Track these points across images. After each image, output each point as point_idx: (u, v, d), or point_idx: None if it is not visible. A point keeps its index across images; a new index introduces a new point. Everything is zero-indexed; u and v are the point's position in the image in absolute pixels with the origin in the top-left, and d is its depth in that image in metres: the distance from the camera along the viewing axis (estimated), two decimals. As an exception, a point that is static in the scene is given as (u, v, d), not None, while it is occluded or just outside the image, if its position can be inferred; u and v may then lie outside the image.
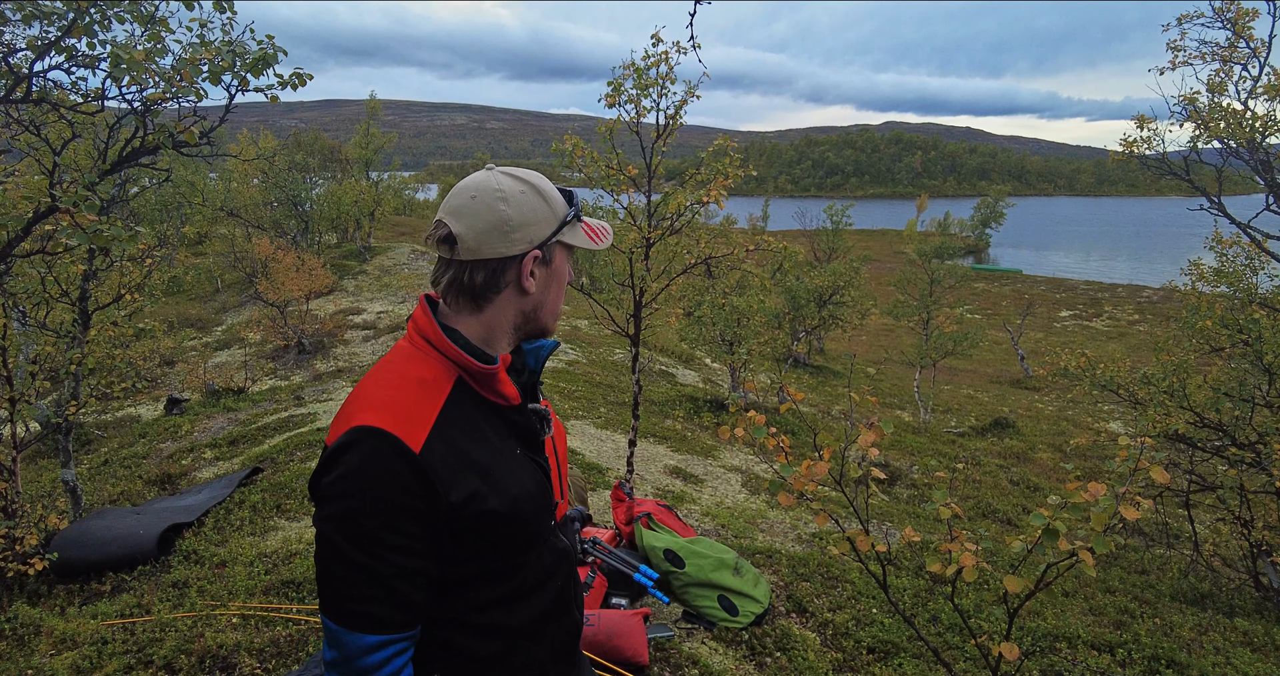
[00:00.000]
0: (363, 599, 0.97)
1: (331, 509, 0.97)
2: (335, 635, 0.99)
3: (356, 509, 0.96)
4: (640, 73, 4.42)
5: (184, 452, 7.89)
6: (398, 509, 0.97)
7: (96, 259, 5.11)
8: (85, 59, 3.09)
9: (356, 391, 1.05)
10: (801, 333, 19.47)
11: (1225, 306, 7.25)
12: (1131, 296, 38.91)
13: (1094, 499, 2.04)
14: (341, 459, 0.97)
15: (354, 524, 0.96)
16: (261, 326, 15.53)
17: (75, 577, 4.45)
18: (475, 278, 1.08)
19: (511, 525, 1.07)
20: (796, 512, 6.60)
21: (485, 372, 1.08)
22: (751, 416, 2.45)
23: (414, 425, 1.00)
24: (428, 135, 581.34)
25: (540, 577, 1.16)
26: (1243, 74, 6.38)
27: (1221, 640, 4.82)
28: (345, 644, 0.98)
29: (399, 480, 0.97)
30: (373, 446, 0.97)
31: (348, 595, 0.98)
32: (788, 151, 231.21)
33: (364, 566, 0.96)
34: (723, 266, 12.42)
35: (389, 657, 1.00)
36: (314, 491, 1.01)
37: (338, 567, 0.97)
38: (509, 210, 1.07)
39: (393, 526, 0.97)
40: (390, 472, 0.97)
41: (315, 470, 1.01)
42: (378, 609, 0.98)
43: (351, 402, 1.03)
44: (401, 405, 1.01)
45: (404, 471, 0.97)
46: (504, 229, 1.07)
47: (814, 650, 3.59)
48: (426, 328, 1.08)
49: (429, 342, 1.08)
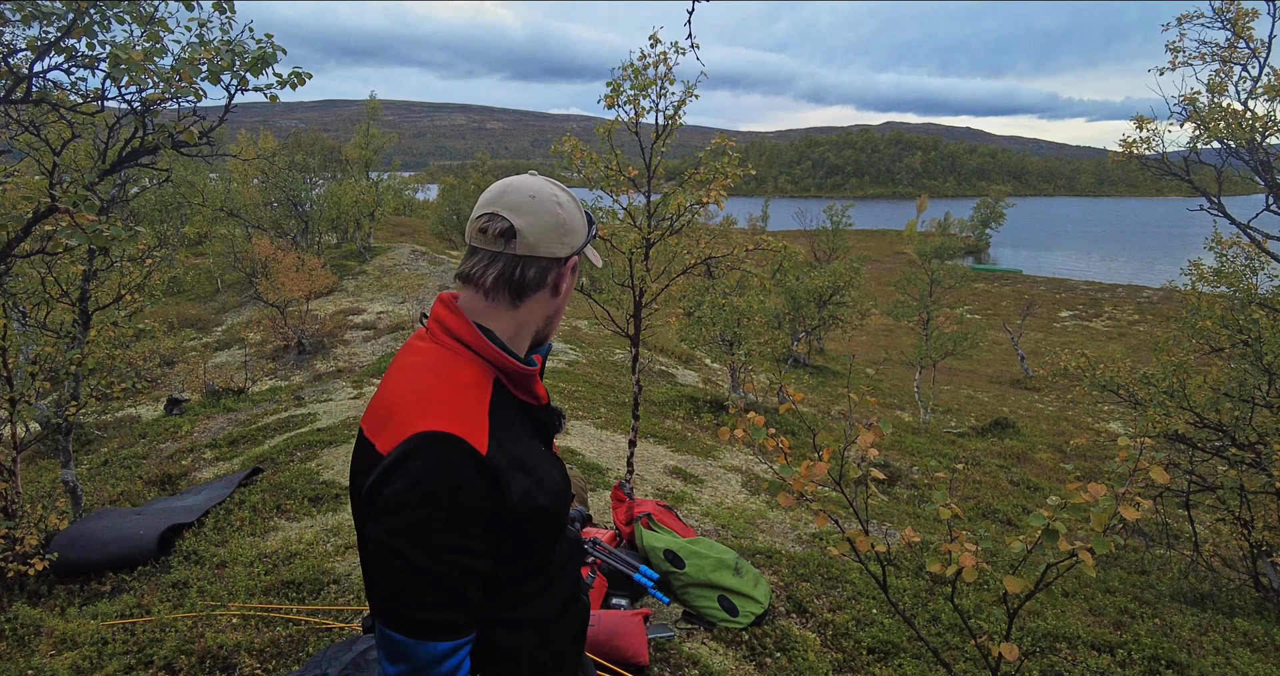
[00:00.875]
0: (435, 606, 0.96)
1: (398, 520, 0.94)
2: (403, 647, 0.96)
3: (427, 517, 0.94)
4: (638, 73, 4.42)
5: (184, 453, 7.89)
6: (467, 513, 0.96)
7: (96, 259, 5.11)
8: (85, 59, 3.09)
9: (397, 396, 1.04)
10: (801, 333, 19.47)
11: (1225, 306, 7.25)
12: (1131, 296, 38.91)
13: (1094, 499, 2.03)
14: (406, 467, 0.95)
15: (425, 533, 0.94)
16: (261, 326, 15.54)
17: (75, 578, 4.45)
18: (526, 273, 1.09)
19: (552, 520, 1.11)
20: (796, 513, 6.60)
21: (525, 374, 1.11)
22: (751, 417, 2.45)
23: (475, 427, 1.00)
24: (428, 135, 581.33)
25: (562, 566, 1.20)
26: (1242, 74, 6.39)
27: (1221, 640, 4.82)
28: (416, 655, 0.96)
29: (469, 484, 0.97)
30: (441, 452, 0.96)
31: (419, 605, 0.96)
32: (788, 151, 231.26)
33: (437, 575, 0.95)
34: (723, 266, 12.41)
35: (459, 663, 0.99)
36: (373, 504, 0.97)
37: (408, 578, 0.95)
38: (564, 215, 1.12)
39: (463, 531, 0.97)
40: (460, 477, 0.96)
41: (373, 483, 0.97)
42: (450, 615, 0.97)
43: (398, 409, 1.02)
44: (458, 408, 1.01)
45: (473, 475, 0.97)
46: (560, 231, 1.11)
47: (814, 650, 3.59)
48: (462, 330, 1.08)
49: (463, 344, 1.08)
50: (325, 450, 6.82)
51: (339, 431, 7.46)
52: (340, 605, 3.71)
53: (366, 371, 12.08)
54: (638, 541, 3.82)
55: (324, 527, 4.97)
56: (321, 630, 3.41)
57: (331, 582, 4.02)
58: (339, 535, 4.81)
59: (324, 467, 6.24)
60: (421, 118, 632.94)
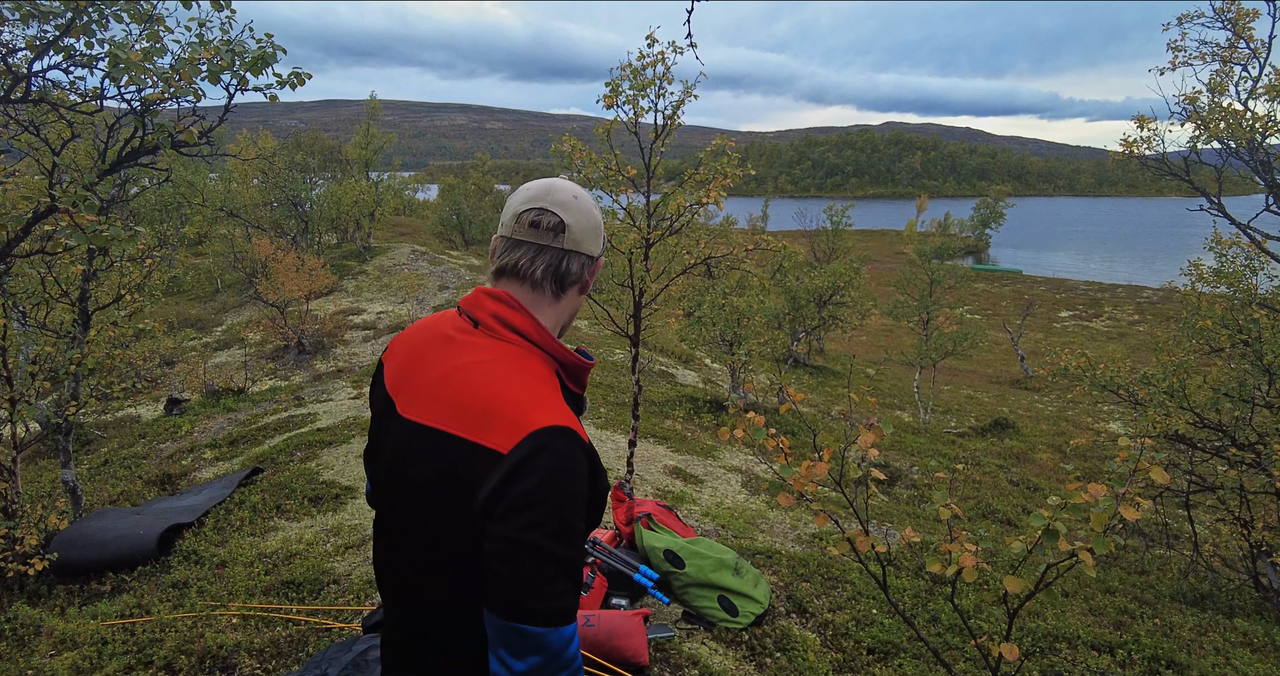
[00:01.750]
0: (568, 593, 1.01)
1: (536, 515, 0.97)
2: (538, 639, 0.98)
3: (561, 508, 0.98)
4: (637, 73, 4.41)
5: (184, 453, 7.89)
6: (583, 501, 1.02)
7: (96, 259, 5.11)
8: (84, 58, 3.09)
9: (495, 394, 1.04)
10: (801, 333, 19.47)
11: (1225, 307, 7.25)
12: (1131, 297, 38.91)
13: (1094, 499, 2.03)
14: (538, 462, 0.98)
15: (561, 524, 0.98)
16: (261, 326, 15.53)
17: (75, 578, 4.45)
18: (570, 266, 1.15)
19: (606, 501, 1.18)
20: (796, 513, 6.60)
21: (584, 367, 1.16)
22: (751, 417, 2.45)
23: (574, 420, 1.05)
24: (428, 135, 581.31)
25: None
26: (1243, 74, 6.39)
27: (1221, 640, 4.82)
28: (551, 643, 0.99)
29: (583, 473, 1.02)
30: (566, 446, 1.00)
31: (557, 594, 0.99)
32: (788, 151, 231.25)
33: (571, 563, 1.00)
34: (723, 266, 12.42)
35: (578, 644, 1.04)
36: (500, 503, 0.98)
37: (550, 571, 0.98)
38: (598, 217, 1.19)
39: (582, 516, 1.03)
40: (580, 468, 1.02)
41: (500, 482, 0.98)
42: (574, 600, 1.02)
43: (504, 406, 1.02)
44: (556, 401, 1.06)
45: (586, 465, 1.03)
46: (598, 230, 1.19)
47: (814, 650, 3.58)
48: (527, 326, 1.11)
49: (528, 339, 1.11)
50: (325, 450, 6.81)
51: (339, 431, 7.46)
52: (340, 605, 3.71)
53: (366, 371, 12.08)
54: (638, 541, 3.82)
55: (324, 527, 4.97)
56: (321, 630, 3.41)
57: (331, 582, 4.02)
58: (339, 535, 4.81)
59: (324, 467, 6.24)
60: (422, 118, 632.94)
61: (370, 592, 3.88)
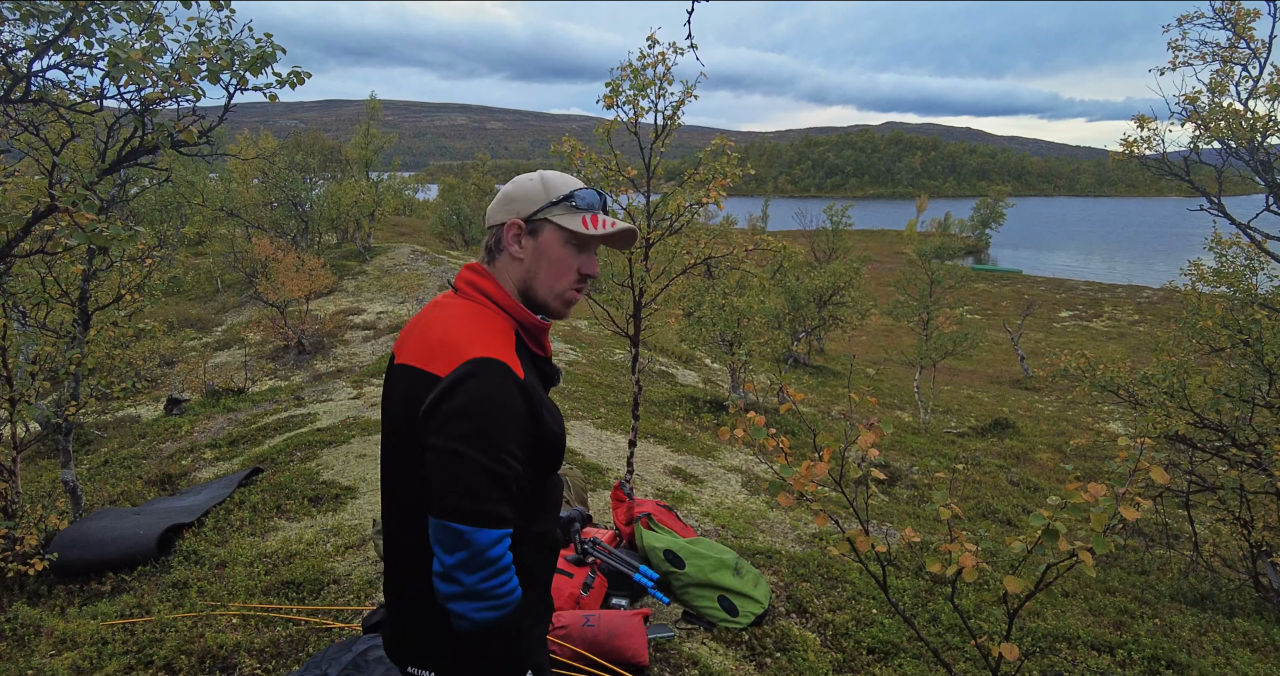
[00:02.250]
0: (491, 500, 1.18)
1: (463, 427, 1.16)
2: (463, 535, 1.16)
3: (486, 425, 1.17)
4: (637, 74, 4.41)
5: (184, 453, 7.89)
6: (513, 424, 1.21)
7: (96, 259, 5.11)
8: (83, 58, 3.08)
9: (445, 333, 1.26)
10: (801, 333, 19.47)
11: (1225, 307, 7.24)
12: (1131, 297, 38.90)
13: (1094, 499, 2.03)
14: (467, 385, 1.18)
15: (487, 439, 1.17)
16: (261, 326, 15.53)
17: (75, 578, 4.45)
18: (490, 239, 1.40)
19: (560, 447, 1.35)
20: (796, 513, 6.60)
21: (540, 327, 1.36)
22: (751, 417, 2.45)
23: (512, 360, 1.24)
24: (428, 135, 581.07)
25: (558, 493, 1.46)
26: (1243, 74, 6.38)
27: (1221, 640, 4.82)
28: (474, 541, 1.17)
29: (514, 401, 1.21)
30: (496, 374, 1.20)
31: (479, 498, 1.17)
32: (788, 151, 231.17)
33: (494, 472, 1.18)
34: (723, 266, 12.41)
35: (506, 549, 1.22)
36: (433, 417, 1.19)
37: (471, 476, 1.17)
38: (511, 190, 1.39)
39: (512, 439, 1.20)
40: (509, 394, 1.20)
41: (433, 399, 1.19)
42: (501, 508, 1.20)
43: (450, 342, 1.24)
44: (500, 343, 1.26)
45: (517, 395, 1.21)
46: (503, 202, 1.38)
47: (814, 650, 3.58)
48: (491, 289, 1.34)
49: (491, 300, 1.34)
50: (325, 450, 6.81)
51: (339, 431, 7.46)
52: (340, 605, 3.71)
53: (366, 371, 12.07)
54: (638, 541, 3.82)
55: (324, 527, 4.97)
56: (321, 630, 3.41)
57: (331, 582, 4.02)
58: (339, 535, 4.81)
59: (324, 468, 6.24)
60: (422, 118, 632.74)
61: (370, 592, 3.89)
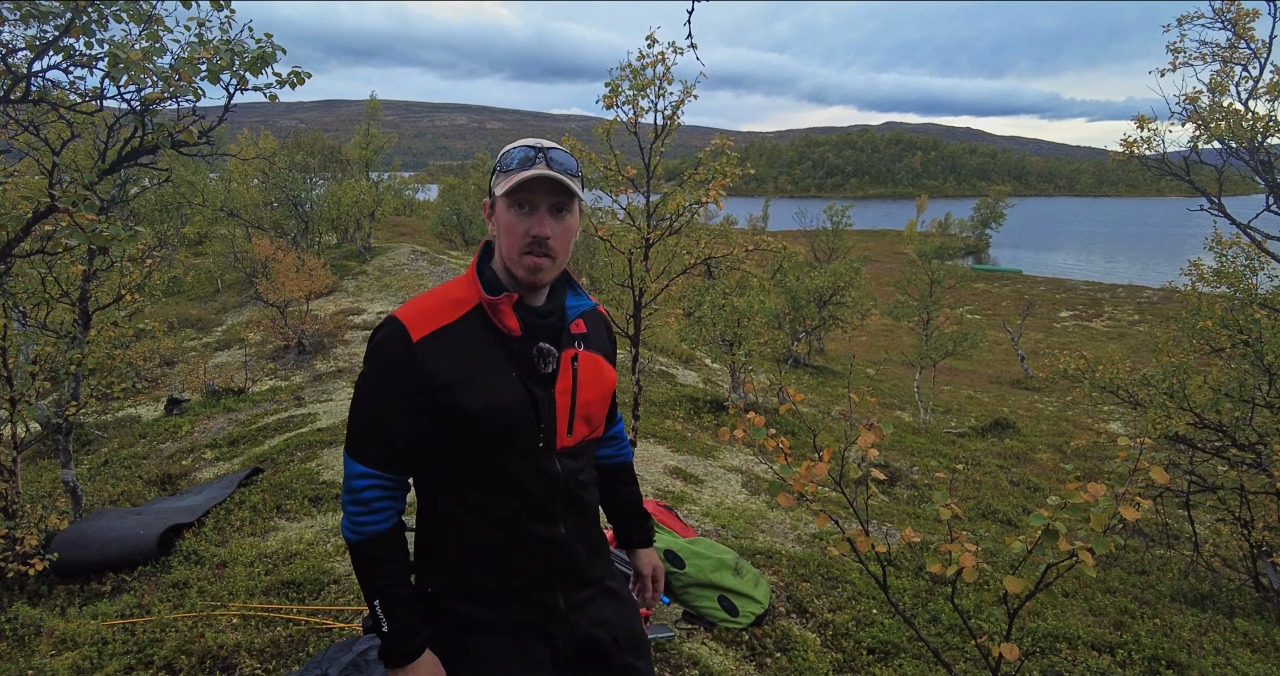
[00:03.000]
0: (361, 435, 1.37)
1: (362, 371, 1.39)
2: (345, 461, 1.39)
3: (371, 370, 1.37)
4: (637, 74, 4.41)
5: (184, 453, 7.89)
6: (393, 376, 1.34)
7: (96, 259, 5.11)
8: (83, 58, 3.08)
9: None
10: (801, 333, 19.46)
11: (1225, 307, 7.24)
12: (1131, 297, 38.89)
13: (1094, 499, 2.03)
14: (375, 335, 1.38)
15: (368, 379, 1.37)
16: (261, 326, 15.51)
17: (75, 578, 4.45)
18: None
19: (481, 423, 1.35)
20: (796, 513, 6.60)
21: (490, 302, 1.39)
22: (751, 417, 2.45)
23: (423, 324, 1.35)
24: (428, 135, 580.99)
25: (519, 482, 1.40)
26: (1244, 74, 6.38)
27: (1221, 640, 4.82)
28: (346, 467, 1.38)
29: (396, 356, 1.34)
30: (389, 329, 1.35)
31: (354, 430, 1.38)
32: (788, 152, 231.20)
33: (366, 412, 1.37)
34: (723, 266, 12.41)
35: (368, 487, 1.36)
36: None
37: (354, 411, 1.39)
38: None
39: (389, 389, 1.35)
40: (393, 348, 1.34)
41: None
42: (369, 446, 1.36)
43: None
44: (423, 310, 1.37)
45: (403, 351, 1.33)
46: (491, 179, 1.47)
47: (814, 650, 3.58)
48: (472, 263, 1.46)
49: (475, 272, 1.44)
50: (325, 450, 6.81)
51: (339, 431, 7.45)
52: (340, 605, 3.71)
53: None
54: (637, 541, 3.81)
55: (324, 528, 4.97)
56: (322, 630, 3.40)
57: (332, 582, 4.02)
58: (339, 535, 4.81)
59: (324, 467, 6.24)
60: (422, 118, 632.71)
61: (370, 592, 3.88)
